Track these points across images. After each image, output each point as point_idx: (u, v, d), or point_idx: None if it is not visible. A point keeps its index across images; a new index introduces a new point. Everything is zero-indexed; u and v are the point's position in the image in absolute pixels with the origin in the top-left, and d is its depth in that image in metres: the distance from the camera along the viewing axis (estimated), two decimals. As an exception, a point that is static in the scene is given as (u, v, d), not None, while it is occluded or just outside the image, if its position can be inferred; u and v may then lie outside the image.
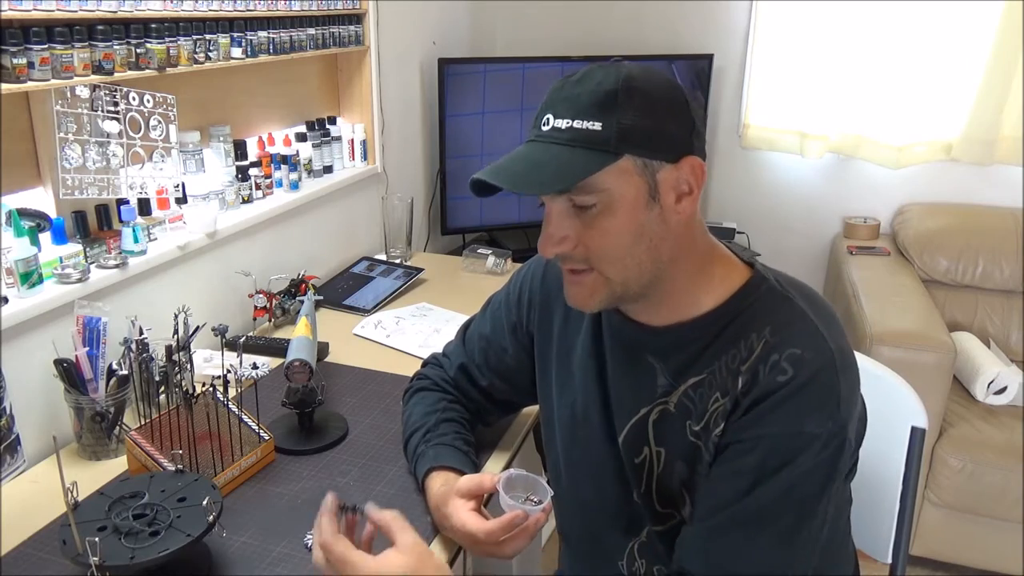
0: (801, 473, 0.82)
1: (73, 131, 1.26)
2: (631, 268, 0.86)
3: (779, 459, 0.82)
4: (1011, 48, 2.34)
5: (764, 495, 0.82)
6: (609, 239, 0.85)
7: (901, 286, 2.31)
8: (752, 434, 0.84)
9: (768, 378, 0.83)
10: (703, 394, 0.89)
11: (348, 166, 2.08)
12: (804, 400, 0.82)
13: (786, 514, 0.83)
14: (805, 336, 0.84)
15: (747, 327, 0.87)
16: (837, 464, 0.84)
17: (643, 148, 0.83)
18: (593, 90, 0.83)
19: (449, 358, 1.21)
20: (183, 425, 1.10)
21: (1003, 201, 2.54)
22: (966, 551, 2.11)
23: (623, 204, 0.84)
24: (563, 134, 0.83)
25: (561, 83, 0.86)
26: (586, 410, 1.01)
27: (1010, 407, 2.15)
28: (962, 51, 2.42)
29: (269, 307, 1.67)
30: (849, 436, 0.84)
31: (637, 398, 0.95)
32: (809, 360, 0.82)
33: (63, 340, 1.20)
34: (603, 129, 0.82)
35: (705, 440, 0.88)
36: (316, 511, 1.07)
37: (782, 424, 0.82)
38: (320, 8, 1.80)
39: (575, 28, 2.83)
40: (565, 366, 1.05)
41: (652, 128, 0.83)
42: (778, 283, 0.91)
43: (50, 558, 0.98)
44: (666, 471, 0.94)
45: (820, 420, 0.82)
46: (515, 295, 1.13)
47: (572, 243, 0.86)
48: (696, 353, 0.90)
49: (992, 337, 2.40)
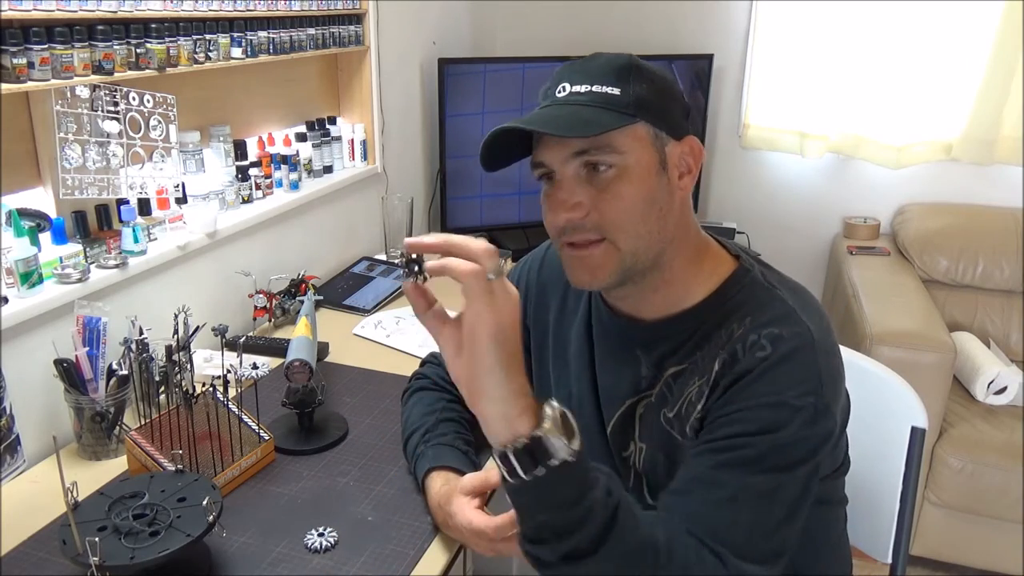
0: (783, 443, 0.80)
1: (73, 131, 1.26)
2: (643, 236, 0.86)
3: (759, 426, 0.80)
4: (1011, 48, 2.34)
5: (743, 456, 0.80)
6: (624, 203, 0.85)
7: (901, 286, 2.31)
8: (731, 408, 0.83)
9: (747, 356, 0.83)
10: (682, 383, 0.89)
11: (348, 166, 2.08)
12: (784, 372, 0.82)
13: (764, 476, 0.80)
14: (783, 318, 0.85)
15: (729, 317, 0.88)
16: (819, 447, 0.82)
17: (656, 118, 0.86)
18: (608, 61, 0.87)
19: None
20: (183, 425, 1.10)
21: (1003, 201, 2.54)
22: (966, 551, 2.11)
23: (638, 169, 0.85)
24: (582, 96, 0.85)
25: (568, 64, 0.89)
26: (580, 401, 1.02)
27: (1010, 407, 2.15)
28: (962, 51, 2.42)
29: (269, 307, 1.67)
30: (835, 418, 0.84)
31: (622, 390, 0.96)
32: (787, 338, 0.83)
33: (63, 340, 1.20)
34: (622, 94, 0.84)
35: (679, 427, 0.89)
36: (316, 511, 1.08)
37: (762, 395, 0.81)
38: (320, 8, 1.80)
39: (575, 28, 2.83)
40: (561, 358, 1.05)
41: (660, 104, 0.86)
42: (763, 276, 0.91)
43: (50, 558, 0.98)
44: (648, 465, 0.94)
45: (801, 392, 0.81)
46: None
47: (585, 209, 0.86)
48: (678, 344, 0.91)
49: (992, 337, 2.40)
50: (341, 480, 1.15)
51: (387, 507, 1.09)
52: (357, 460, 1.21)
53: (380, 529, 1.05)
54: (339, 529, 1.04)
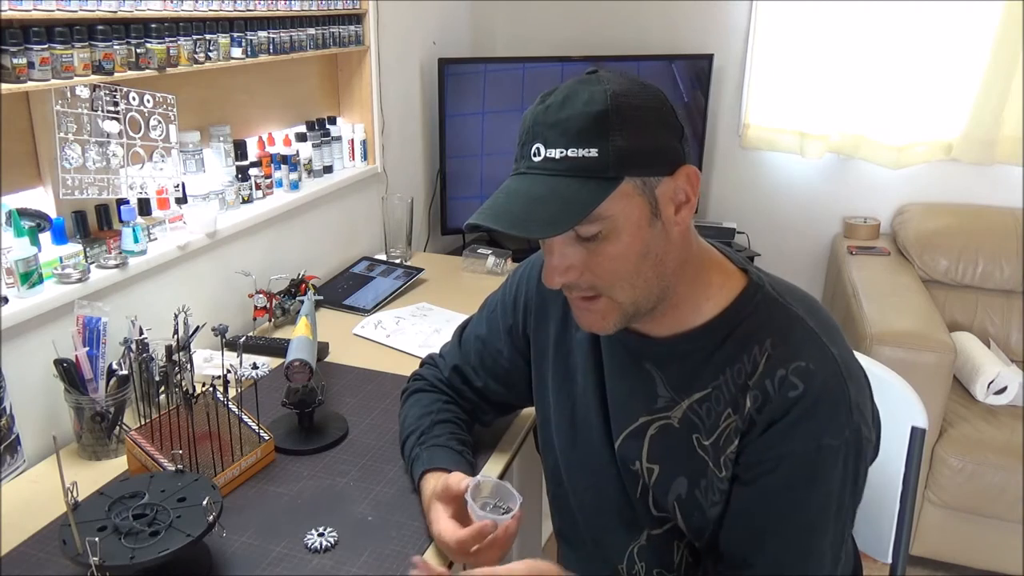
0: (832, 488, 0.84)
1: (73, 131, 1.26)
2: (639, 288, 0.85)
3: (805, 476, 0.84)
4: (1011, 48, 2.34)
5: (801, 511, 0.85)
6: (616, 264, 0.83)
7: (901, 286, 2.31)
8: (774, 454, 0.84)
9: (780, 395, 0.83)
10: (711, 409, 0.88)
11: (348, 166, 2.08)
12: (819, 414, 0.83)
13: (827, 524, 0.86)
14: (808, 346, 0.85)
15: (749, 339, 0.87)
16: (859, 466, 0.86)
17: (641, 167, 0.80)
18: (582, 112, 0.79)
19: (444, 359, 1.21)
20: (183, 425, 1.10)
21: (1003, 201, 2.54)
22: (966, 551, 2.11)
23: (627, 226, 0.81)
24: (558, 164, 0.79)
25: (542, 107, 0.82)
26: (586, 412, 1.01)
27: (1010, 407, 2.15)
28: (962, 51, 2.42)
29: (269, 307, 1.67)
30: (865, 434, 0.85)
31: (634, 405, 0.95)
32: (816, 371, 0.83)
33: (63, 340, 1.20)
34: (600, 155, 0.78)
35: (715, 456, 0.88)
36: (316, 511, 1.08)
37: (802, 441, 0.83)
38: (320, 8, 1.80)
39: (575, 28, 2.83)
40: (563, 368, 1.04)
41: (647, 145, 0.80)
42: (773, 290, 0.90)
43: (50, 558, 0.98)
44: (660, 486, 0.93)
45: (836, 431, 0.83)
46: (511, 297, 1.13)
47: (578, 271, 0.84)
48: (697, 366, 0.90)
49: (992, 337, 2.40)
50: (341, 480, 1.15)
51: (387, 507, 1.09)
52: (357, 460, 1.21)
53: (380, 529, 1.05)
54: (339, 529, 1.04)
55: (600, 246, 0.82)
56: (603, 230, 0.81)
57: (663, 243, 0.84)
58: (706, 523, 0.90)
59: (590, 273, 0.84)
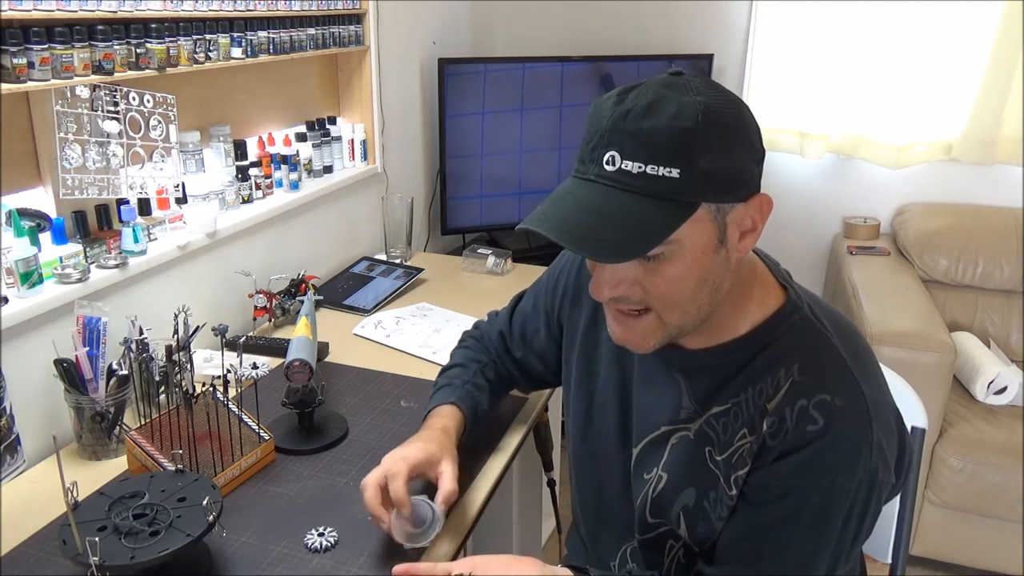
0: (837, 525, 0.81)
1: (73, 131, 1.26)
2: (691, 313, 0.81)
3: (812, 512, 0.81)
4: (1011, 48, 2.34)
5: (803, 543, 0.82)
6: (673, 287, 0.78)
7: (901, 286, 2.31)
8: (783, 483, 0.82)
9: (797, 427, 0.80)
10: (727, 425, 0.86)
11: (348, 166, 2.08)
12: (836, 454, 0.79)
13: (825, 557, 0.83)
14: (836, 379, 0.81)
15: (777, 360, 0.83)
16: (869, 508, 0.83)
17: (720, 193, 0.75)
18: (668, 127, 0.72)
19: (495, 322, 1.24)
20: (183, 425, 1.10)
21: (1003, 201, 2.54)
22: (966, 551, 2.11)
23: (693, 250, 0.76)
24: (634, 180, 0.73)
25: (622, 110, 0.75)
26: (602, 411, 1.01)
27: (1010, 407, 2.15)
28: (962, 51, 2.42)
29: (269, 307, 1.67)
30: (882, 477, 0.81)
31: (658, 414, 0.93)
32: (839, 408, 0.79)
33: (63, 340, 1.20)
34: (681, 176, 0.72)
35: (726, 473, 0.86)
36: (316, 511, 1.08)
37: (814, 477, 0.80)
38: (320, 8, 1.80)
39: (575, 28, 2.83)
40: (586, 362, 1.04)
41: (732, 169, 0.75)
42: (811, 311, 0.87)
43: (50, 558, 0.98)
44: (667, 495, 0.92)
45: (851, 473, 0.79)
46: (552, 282, 1.13)
47: (629, 285, 0.79)
48: (722, 380, 0.87)
49: (992, 337, 2.40)
50: (341, 480, 1.15)
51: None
52: (357, 460, 1.21)
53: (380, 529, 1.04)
54: (339, 529, 1.04)
55: (660, 266, 0.77)
56: (666, 251, 0.76)
57: (723, 270, 0.80)
58: (711, 533, 0.89)
59: (642, 289, 0.79)
